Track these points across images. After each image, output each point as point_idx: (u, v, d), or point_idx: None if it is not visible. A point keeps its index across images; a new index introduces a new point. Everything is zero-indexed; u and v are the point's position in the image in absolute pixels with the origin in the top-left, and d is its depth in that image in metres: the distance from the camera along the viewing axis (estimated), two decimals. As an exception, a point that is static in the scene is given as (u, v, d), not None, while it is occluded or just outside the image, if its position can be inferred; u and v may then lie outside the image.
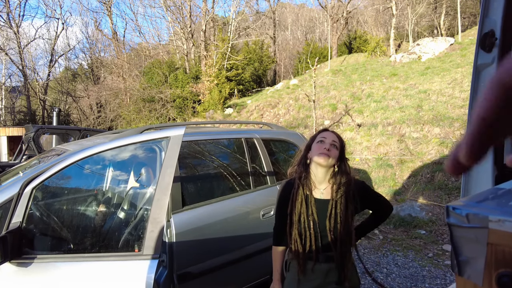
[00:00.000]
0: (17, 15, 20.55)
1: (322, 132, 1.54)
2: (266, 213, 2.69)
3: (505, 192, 0.38)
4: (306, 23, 32.69)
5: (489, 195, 0.37)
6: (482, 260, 0.31)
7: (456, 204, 0.35)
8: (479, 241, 0.31)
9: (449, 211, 0.34)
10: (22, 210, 1.60)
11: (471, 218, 0.32)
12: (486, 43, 0.91)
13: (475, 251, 0.32)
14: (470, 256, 0.32)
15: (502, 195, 0.37)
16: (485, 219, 0.31)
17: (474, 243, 0.32)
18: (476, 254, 0.32)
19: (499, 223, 0.30)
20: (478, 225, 0.32)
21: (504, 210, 0.32)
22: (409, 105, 8.59)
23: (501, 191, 0.38)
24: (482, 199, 0.36)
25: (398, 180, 6.21)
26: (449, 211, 0.34)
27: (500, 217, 0.30)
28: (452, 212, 0.34)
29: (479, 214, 0.32)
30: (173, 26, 21.48)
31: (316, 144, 1.50)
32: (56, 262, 1.61)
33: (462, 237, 0.33)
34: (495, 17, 0.91)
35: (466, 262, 0.33)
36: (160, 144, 1.83)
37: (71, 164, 1.74)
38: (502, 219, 0.30)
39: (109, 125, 18.93)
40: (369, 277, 1.56)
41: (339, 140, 1.52)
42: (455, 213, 0.34)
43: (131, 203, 1.95)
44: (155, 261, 1.56)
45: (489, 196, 0.36)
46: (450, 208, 0.34)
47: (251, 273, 2.65)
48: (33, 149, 5.84)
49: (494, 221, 0.30)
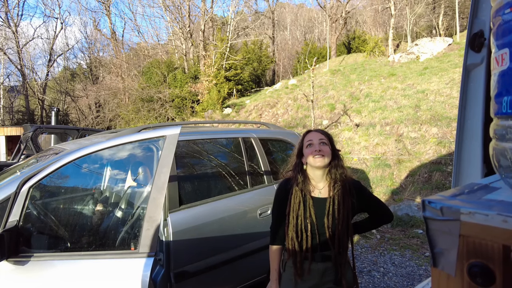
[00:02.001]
0: (16, 15, 20.53)
1: (307, 135, 1.56)
2: (263, 212, 2.70)
3: (481, 187, 0.39)
4: (305, 23, 32.73)
5: (465, 189, 0.38)
6: (455, 251, 0.32)
7: (432, 198, 0.36)
8: (452, 233, 0.33)
9: (425, 205, 0.36)
10: (19, 209, 1.61)
11: (445, 211, 0.34)
12: (476, 43, 0.93)
13: (448, 243, 0.33)
14: (444, 248, 0.34)
15: (477, 189, 0.38)
16: (457, 212, 0.32)
17: (448, 235, 0.33)
18: (449, 245, 0.33)
19: (470, 215, 0.31)
20: (451, 217, 0.33)
21: (476, 203, 0.33)
22: (407, 105, 8.61)
23: (477, 186, 0.39)
24: (457, 193, 0.37)
25: (396, 180, 6.24)
26: (425, 205, 0.36)
27: (471, 209, 0.32)
28: (428, 206, 0.35)
29: (452, 207, 0.33)
30: (172, 26, 21.48)
31: (307, 149, 1.51)
32: (53, 261, 1.62)
33: (436, 229, 0.34)
34: (484, 17, 0.93)
35: (441, 253, 0.34)
36: (157, 143, 1.84)
37: (68, 163, 1.75)
38: (472, 212, 0.31)
39: (107, 125, 18.92)
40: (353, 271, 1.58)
41: (326, 136, 1.54)
42: (430, 207, 0.35)
43: (128, 202, 1.96)
44: (151, 259, 1.58)
45: (464, 191, 0.37)
46: (426, 202, 0.36)
47: (248, 272, 2.66)
48: (31, 149, 5.83)
49: (466, 214, 0.32)
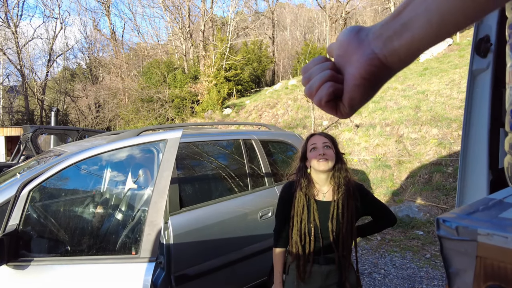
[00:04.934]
0: (15, 15, 20.52)
1: (311, 139, 1.55)
2: (264, 215, 2.69)
3: (496, 202, 0.38)
4: (305, 23, 32.73)
5: (480, 206, 0.37)
6: (471, 272, 0.31)
7: (447, 216, 0.35)
8: (468, 254, 0.31)
9: (439, 223, 0.35)
10: (19, 213, 1.59)
11: (461, 231, 0.32)
12: (481, 49, 0.92)
13: (464, 263, 0.32)
14: (460, 268, 0.33)
15: (492, 206, 0.37)
16: (474, 232, 0.31)
17: (464, 256, 0.32)
18: (465, 266, 0.32)
19: (488, 237, 0.30)
20: (467, 238, 0.32)
21: (493, 222, 0.32)
22: (407, 106, 8.60)
23: (492, 202, 0.38)
24: (472, 210, 0.36)
25: (396, 181, 6.23)
26: (439, 223, 0.35)
27: (489, 230, 0.30)
28: (442, 225, 0.34)
29: (469, 227, 0.32)
30: (171, 26, 21.48)
31: (311, 153, 1.50)
32: (53, 265, 1.61)
33: (452, 249, 0.33)
34: (490, 22, 0.92)
35: (456, 274, 0.33)
36: (157, 146, 1.83)
37: (68, 166, 1.74)
38: (490, 233, 0.30)
39: (107, 125, 18.89)
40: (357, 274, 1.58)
41: (329, 139, 1.53)
42: (445, 226, 0.34)
43: (129, 206, 1.95)
44: (152, 264, 1.56)
45: (479, 208, 0.36)
46: (441, 221, 0.35)
47: (249, 274, 2.65)
48: (31, 150, 5.81)
49: (483, 235, 0.31)
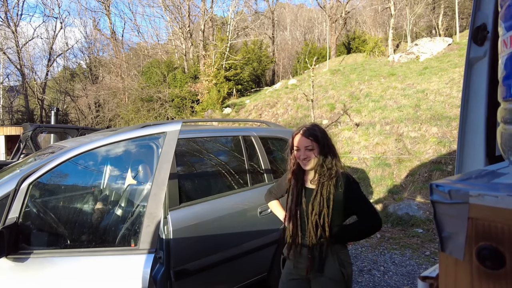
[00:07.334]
0: (15, 14, 20.52)
1: (294, 139, 1.62)
2: (263, 211, 2.70)
3: (489, 172, 0.38)
4: (305, 23, 32.74)
5: (473, 174, 0.37)
6: (463, 234, 0.32)
7: (440, 182, 0.35)
8: (460, 216, 0.32)
9: (433, 188, 0.35)
10: (19, 206, 1.60)
11: (453, 194, 0.33)
12: (478, 37, 0.92)
13: (456, 226, 0.33)
14: (452, 232, 0.33)
15: (485, 174, 0.37)
16: (466, 194, 0.32)
17: (456, 219, 0.32)
18: (457, 229, 0.32)
19: (479, 198, 0.31)
20: (459, 200, 0.32)
21: (485, 185, 0.33)
22: (407, 105, 8.61)
23: (484, 172, 0.39)
24: (465, 178, 0.36)
25: (396, 179, 6.23)
26: (432, 188, 0.35)
27: (480, 191, 0.31)
28: (436, 189, 0.35)
29: (461, 190, 0.32)
30: (171, 26, 21.49)
31: (296, 152, 1.62)
32: (52, 257, 1.61)
33: (444, 213, 0.34)
34: (487, 10, 0.93)
35: (448, 237, 0.33)
36: (157, 140, 1.84)
37: (67, 160, 1.74)
38: (482, 194, 0.31)
39: (107, 125, 18.90)
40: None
41: (312, 140, 1.57)
42: (438, 190, 0.34)
43: (128, 199, 1.95)
44: (151, 255, 1.57)
45: (472, 176, 0.37)
46: (434, 186, 0.35)
47: (248, 270, 2.65)
48: (31, 148, 5.81)
49: (475, 196, 0.31)
